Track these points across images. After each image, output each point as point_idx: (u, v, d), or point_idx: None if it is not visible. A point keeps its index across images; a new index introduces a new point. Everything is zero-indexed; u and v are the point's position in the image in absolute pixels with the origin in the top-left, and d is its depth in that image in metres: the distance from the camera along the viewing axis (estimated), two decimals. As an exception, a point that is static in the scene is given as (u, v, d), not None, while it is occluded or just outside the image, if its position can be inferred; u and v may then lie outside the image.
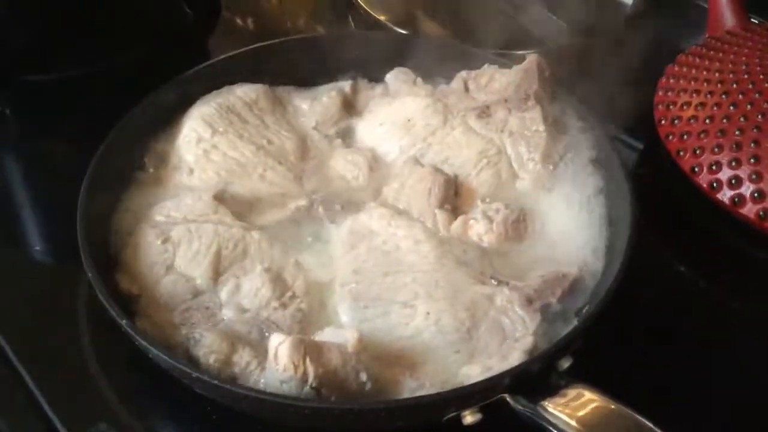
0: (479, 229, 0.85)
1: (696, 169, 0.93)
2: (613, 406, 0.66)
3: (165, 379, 0.73)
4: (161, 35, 1.23)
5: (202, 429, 0.77)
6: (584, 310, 0.78)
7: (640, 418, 0.64)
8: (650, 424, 0.63)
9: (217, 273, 0.80)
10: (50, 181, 1.02)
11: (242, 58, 1.01)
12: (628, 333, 0.82)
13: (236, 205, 0.87)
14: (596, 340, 0.73)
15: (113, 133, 0.88)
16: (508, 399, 0.68)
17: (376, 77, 1.05)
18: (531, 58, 0.96)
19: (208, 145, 0.92)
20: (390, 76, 1.03)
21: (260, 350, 0.73)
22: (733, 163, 0.90)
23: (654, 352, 0.83)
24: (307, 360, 0.67)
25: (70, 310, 0.85)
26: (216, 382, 0.66)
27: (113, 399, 0.78)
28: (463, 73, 1.00)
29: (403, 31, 1.21)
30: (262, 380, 0.70)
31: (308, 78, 1.04)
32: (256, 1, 1.43)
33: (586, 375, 0.69)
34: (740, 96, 0.92)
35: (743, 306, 0.92)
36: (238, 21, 1.36)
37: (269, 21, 1.39)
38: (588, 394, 0.67)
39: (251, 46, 1.02)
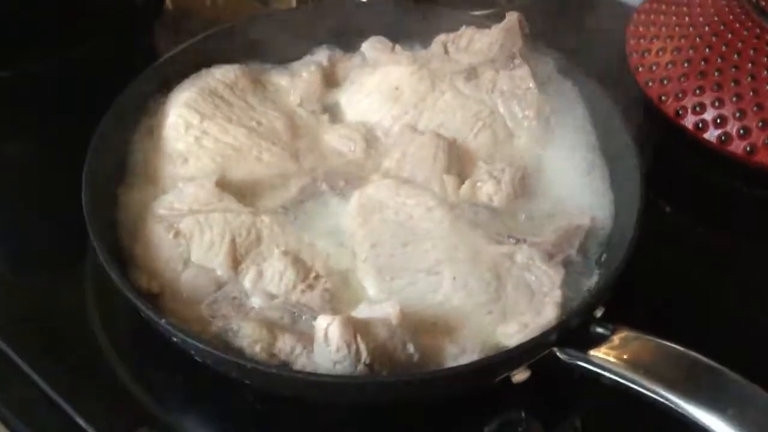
0: (488, 189, 0.85)
1: (680, 112, 0.96)
2: (663, 344, 0.67)
3: (198, 373, 0.71)
4: (111, 26, 1.17)
5: (249, 419, 0.76)
6: (602, 257, 0.80)
7: (692, 352, 0.66)
8: (704, 358, 0.65)
9: (236, 262, 0.78)
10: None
11: (216, 39, 0.97)
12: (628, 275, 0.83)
13: (238, 191, 0.84)
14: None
15: (98, 132, 0.83)
16: (557, 353, 0.69)
17: (350, 47, 1.03)
18: (511, 16, 0.96)
19: (198, 131, 0.88)
20: (366, 46, 1.01)
21: (297, 334, 0.72)
22: (717, 103, 0.93)
23: (657, 289, 0.85)
24: (358, 337, 0.66)
25: (81, 317, 0.81)
26: (276, 370, 0.65)
27: (149, 402, 0.75)
28: (442, 36, 1.00)
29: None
30: (311, 363, 0.69)
31: (280, 54, 1.01)
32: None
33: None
34: (714, 38, 0.95)
35: (736, 240, 0.95)
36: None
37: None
38: (636, 337, 0.68)
39: (223, 26, 0.99)
